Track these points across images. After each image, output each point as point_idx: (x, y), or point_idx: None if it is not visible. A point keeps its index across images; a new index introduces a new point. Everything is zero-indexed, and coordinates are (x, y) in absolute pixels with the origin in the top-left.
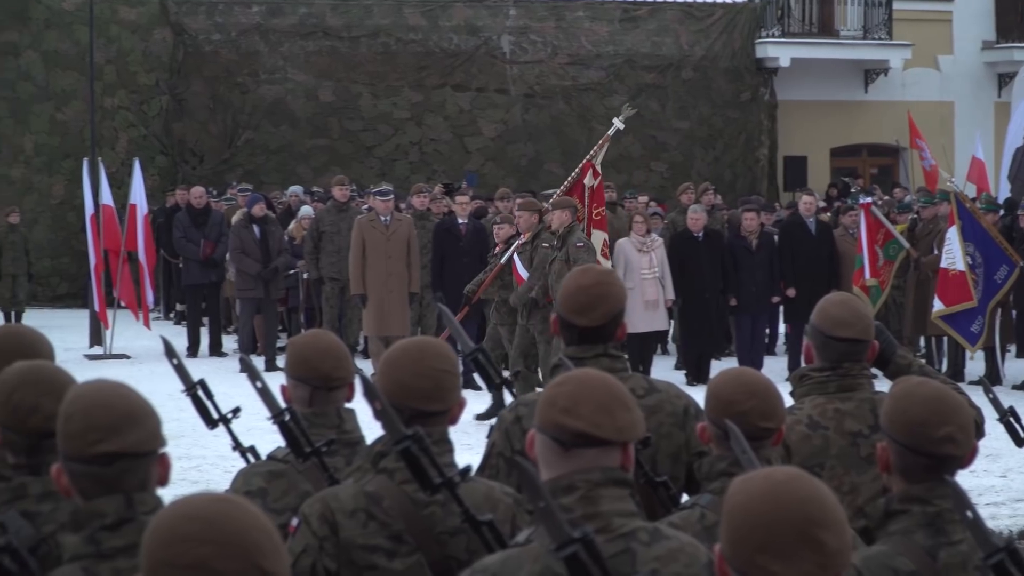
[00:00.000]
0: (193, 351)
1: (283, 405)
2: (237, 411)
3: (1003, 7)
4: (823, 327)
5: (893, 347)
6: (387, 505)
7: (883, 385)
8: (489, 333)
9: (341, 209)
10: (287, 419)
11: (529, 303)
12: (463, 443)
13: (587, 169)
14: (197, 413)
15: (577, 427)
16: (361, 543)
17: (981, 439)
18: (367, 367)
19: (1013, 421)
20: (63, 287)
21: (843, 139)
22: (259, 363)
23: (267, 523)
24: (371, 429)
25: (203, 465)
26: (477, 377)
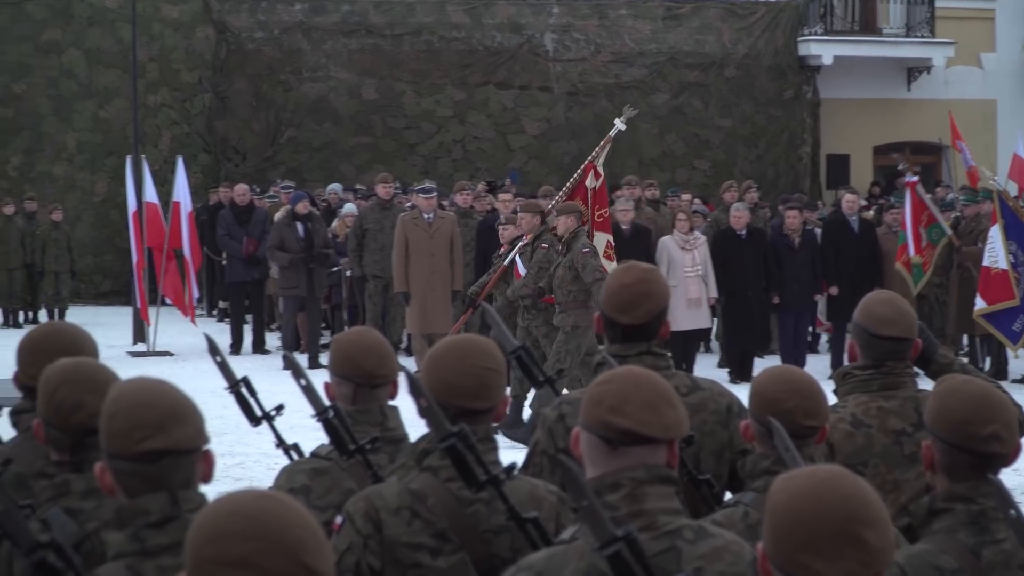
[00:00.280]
0: (236, 348)
1: (327, 403)
2: (280, 408)
3: None
4: (867, 325)
5: (934, 346)
6: (431, 503)
7: (925, 383)
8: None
9: (384, 207)
10: (331, 417)
11: (528, 304)
12: (507, 442)
13: (589, 170)
14: (240, 410)
15: (624, 425)
16: (405, 541)
17: None
18: (410, 365)
19: None
20: (106, 284)
21: (886, 137)
22: (302, 360)
23: (311, 520)
24: (414, 427)
25: (246, 462)
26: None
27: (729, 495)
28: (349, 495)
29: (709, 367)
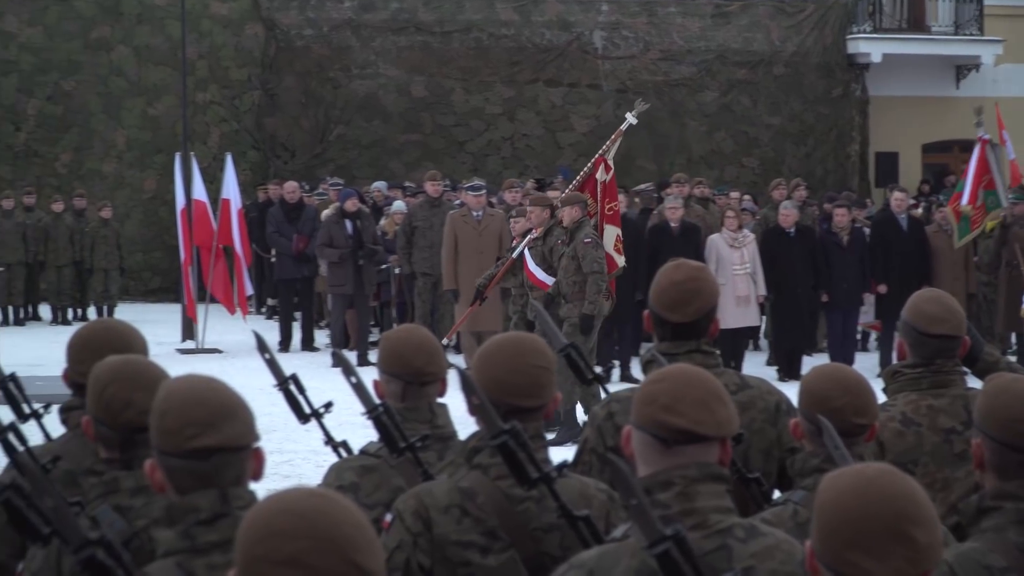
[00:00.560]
0: (285, 346)
1: (376, 400)
2: (329, 406)
3: None
4: (916, 323)
5: (980, 345)
6: (481, 501)
7: (972, 382)
8: (512, 327)
9: (433, 204)
10: (382, 414)
11: (544, 299)
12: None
13: (599, 164)
14: (289, 408)
15: (679, 424)
16: (455, 539)
17: None
18: (459, 362)
19: None
20: (155, 281)
21: (934, 135)
22: (351, 358)
23: (362, 518)
24: (461, 424)
25: (295, 460)
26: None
27: (777, 494)
28: (398, 493)
29: (758, 365)
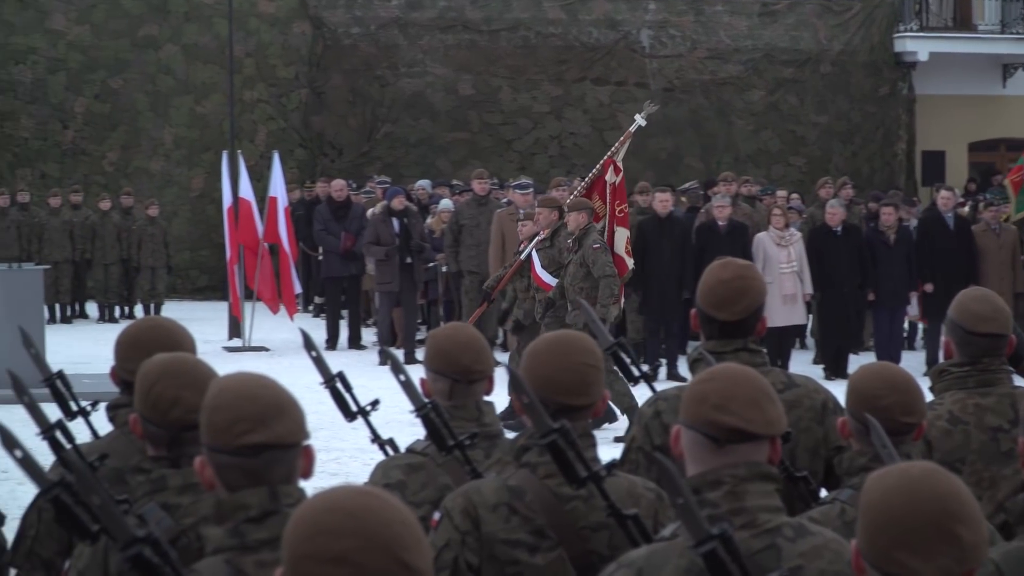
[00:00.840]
0: (332, 344)
1: (424, 398)
2: (376, 403)
3: None
4: (962, 322)
5: None
6: (530, 499)
7: (1019, 381)
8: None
9: (480, 203)
10: (430, 412)
11: (546, 302)
12: (600, 437)
13: (608, 165)
14: (336, 406)
15: (731, 423)
16: (503, 538)
17: None
18: (506, 361)
19: None
20: (202, 279)
21: (981, 134)
22: (398, 356)
23: (410, 516)
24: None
25: (342, 457)
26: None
27: (824, 492)
28: (444, 491)
29: (804, 363)
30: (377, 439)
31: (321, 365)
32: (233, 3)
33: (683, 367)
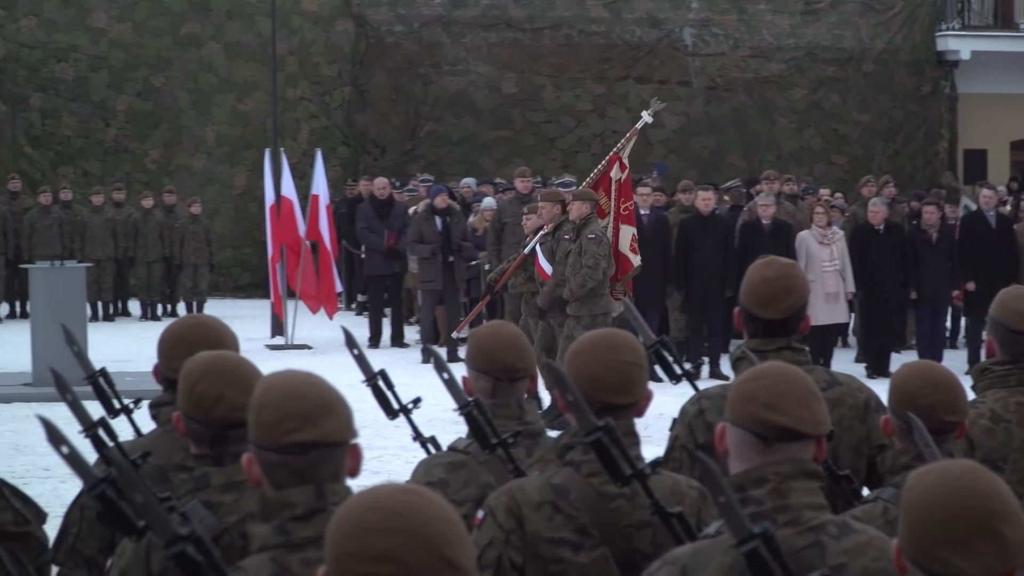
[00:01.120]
0: (375, 342)
1: (467, 397)
2: (417, 401)
3: None
4: (1004, 321)
5: None
6: (573, 498)
7: None
8: (520, 326)
9: (523, 201)
10: (473, 410)
11: (547, 298)
12: (643, 435)
13: (614, 162)
14: (378, 404)
15: (780, 422)
16: (547, 536)
17: None
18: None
19: None
20: (245, 277)
21: (1023, 132)
22: (441, 354)
23: (453, 514)
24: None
25: (384, 456)
26: (658, 369)
27: (866, 491)
28: (486, 489)
29: (846, 362)
30: (419, 437)
31: (363, 363)
32: (276, 1)
33: (726, 366)
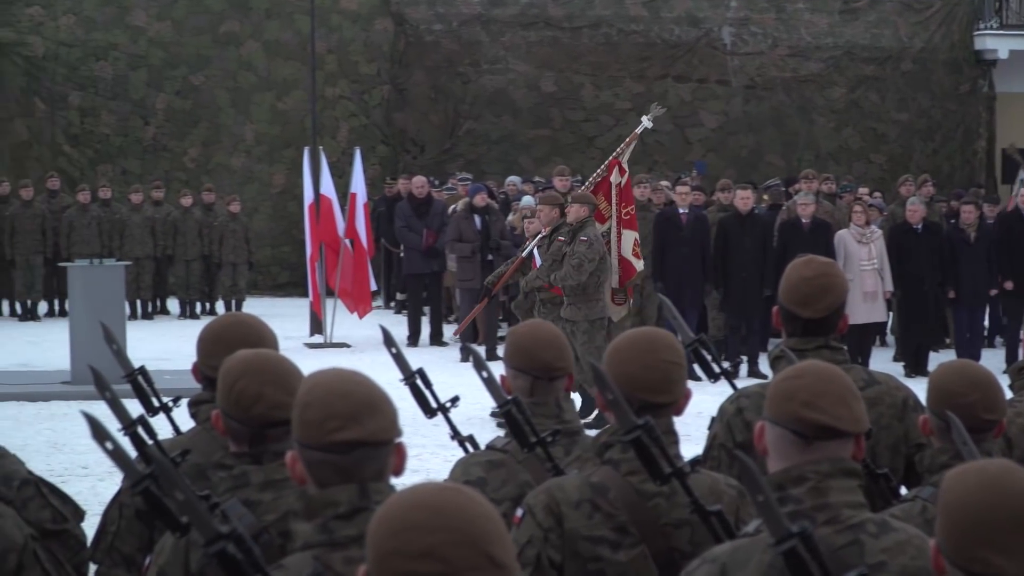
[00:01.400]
0: (414, 340)
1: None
2: (456, 400)
3: None
4: None
5: None
6: (612, 496)
7: None
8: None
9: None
10: (512, 409)
11: (545, 298)
12: (682, 433)
13: (613, 166)
14: (416, 402)
15: (820, 420)
16: (586, 534)
17: None
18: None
19: None
20: (283, 276)
21: None
22: (480, 352)
23: (494, 512)
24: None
25: (423, 454)
26: (697, 368)
27: (904, 490)
28: (525, 488)
29: (885, 361)
30: (457, 436)
31: (401, 362)
32: (315, 0)
33: (764, 364)
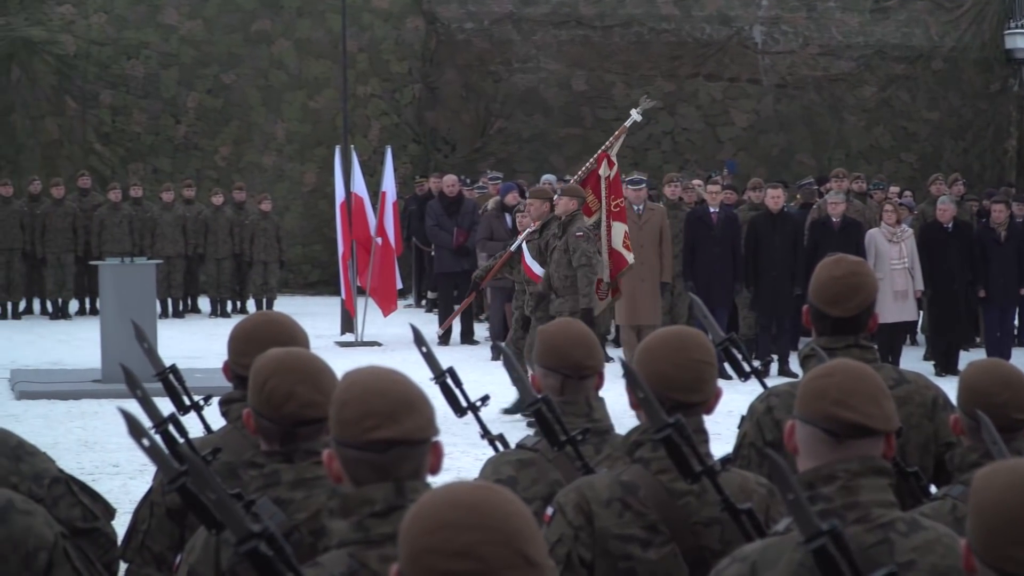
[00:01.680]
0: (445, 339)
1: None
2: (486, 399)
3: None
4: None
5: None
6: (643, 495)
7: None
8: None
9: None
10: (543, 407)
11: (537, 295)
12: (712, 432)
13: (602, 159)
14: (446, 401)
15: (852, 419)
16: (616, 533)
17: None
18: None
19: None
20: (314, 274)
21: None
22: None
23: (527, 511)
24: (617, 419)
25: (453, 453)
26: (727, 366)
27: (933, 489)
28: (555, 487)
29: (915, 360)
30: (487, 435)
31: (431, 360)
32: None
33: (794, 363)
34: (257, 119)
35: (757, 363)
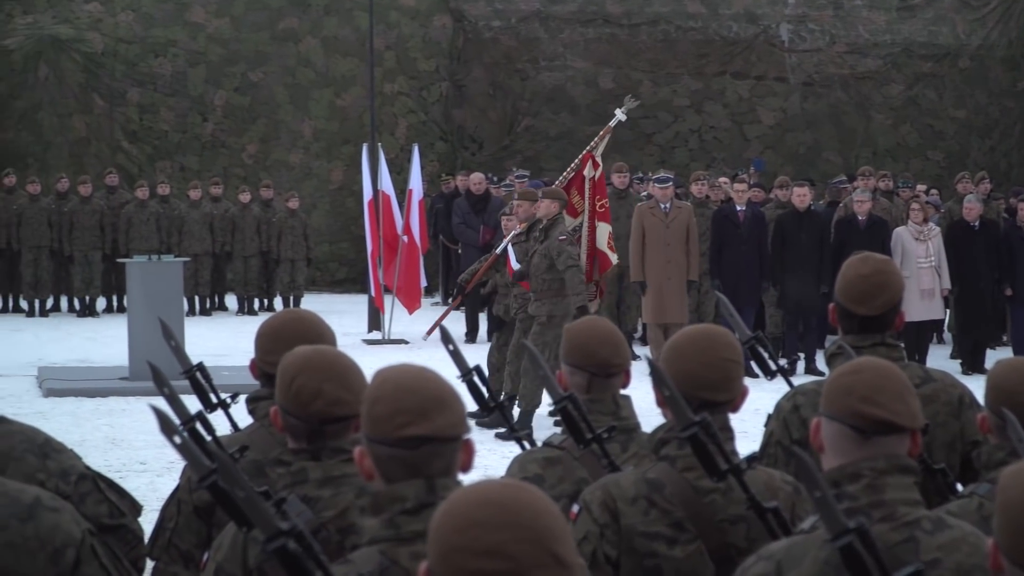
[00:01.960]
0: (471, 337)
1: (562, 392)
2: (513, 398)
3: None
4: None
5: None
6: (668, 492)
7: None
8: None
9: (620, 196)
10: (569, 405)
11: (522, 298)
12: (739, 430)
13: (587, 160)
14: (473, 399)
15: (878, 415)
16: (642, 530)
17: None
18: (645, 354)
19: None
20: (341, 272)
21: None
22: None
23: (556, 509)
24: (644, 417)
25: (480, 451)
26: (754, 365)
27: (960, 487)
28: (581, 485)
29: (941, 358)
30: (513, 432)
31: (458, 358)
32: None
33: (821, 361)
34: (284, 117)
35: (783, 361)
